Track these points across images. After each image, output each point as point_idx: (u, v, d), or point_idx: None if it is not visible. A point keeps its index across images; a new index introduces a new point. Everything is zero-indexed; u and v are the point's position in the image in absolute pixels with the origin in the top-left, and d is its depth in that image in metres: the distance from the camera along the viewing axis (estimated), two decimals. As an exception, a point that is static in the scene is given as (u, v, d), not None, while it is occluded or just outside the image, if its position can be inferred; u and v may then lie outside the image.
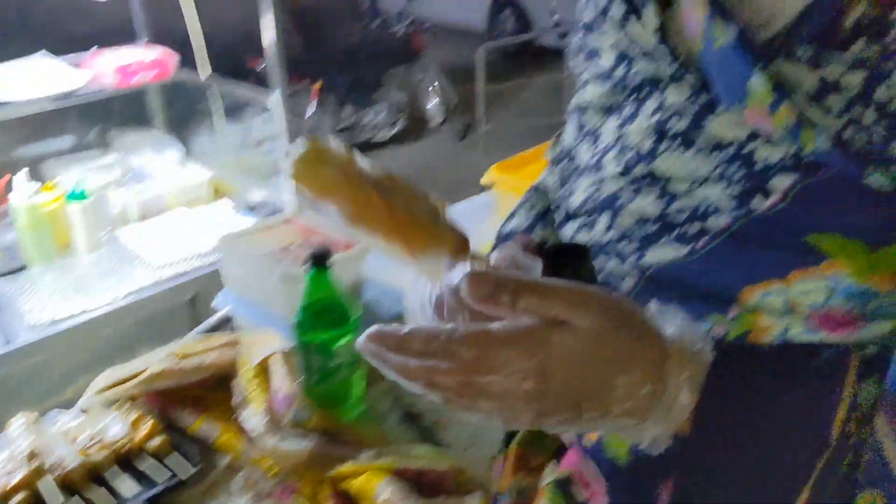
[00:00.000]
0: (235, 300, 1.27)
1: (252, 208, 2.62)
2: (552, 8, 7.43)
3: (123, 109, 2.81)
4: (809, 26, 0.49)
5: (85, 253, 2.23)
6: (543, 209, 0.77)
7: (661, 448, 0.49)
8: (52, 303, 1.99)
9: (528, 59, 7.40)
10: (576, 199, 0.66)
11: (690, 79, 0.56)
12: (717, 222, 0.54)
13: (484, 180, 1.59)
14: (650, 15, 0.57)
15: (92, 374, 1.18)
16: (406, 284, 1.28)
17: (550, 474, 0.68)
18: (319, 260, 0.98)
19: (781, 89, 0.49)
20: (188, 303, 2.27)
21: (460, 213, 1.73)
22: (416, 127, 5.88)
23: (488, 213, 1.59)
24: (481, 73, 4.58)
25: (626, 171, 0.61)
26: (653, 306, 0.51)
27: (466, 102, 5.54)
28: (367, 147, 5.58)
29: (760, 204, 0.52)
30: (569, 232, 0.67)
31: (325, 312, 0.99)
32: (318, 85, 5.14)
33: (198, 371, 1.09)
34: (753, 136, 0.52)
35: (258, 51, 5.29)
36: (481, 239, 1.50)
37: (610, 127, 0.64)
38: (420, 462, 0.95)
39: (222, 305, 1.29)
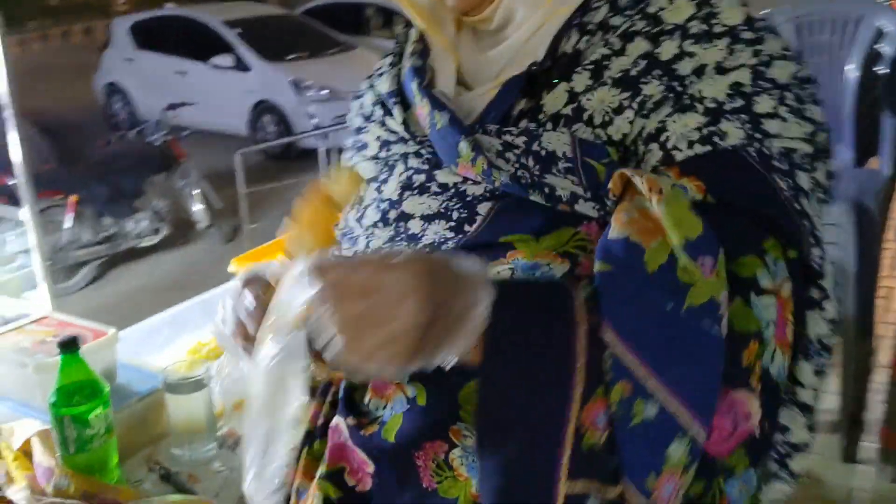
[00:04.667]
0: (-7, 396, 1.37)
1: (6, 323, 2.61)
2: (310, 112, 7.86)
3: None
4: (491, 115, 0.80)
5: None
6: None
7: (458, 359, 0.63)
8: None
9: (293, 161, 7.71)
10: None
11: (424, 151, 0.83)
12: (447, 246, 0.78)
13: (230, 269, 1.80)
14: (397, 114, 0.86)
15: None
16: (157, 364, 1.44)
17: (321, 469, 0.86)
18: (68, 346, 1.14)
19: (478, 149, 0.76)
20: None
21: (206, 301, 1.91)
22: (181, 232, 5.93)
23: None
24: (241, 176, 4.78)
25: (383, 217, 0.83)
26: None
27: (234, 204, 5.70)
28: (132, 255, 5.54)
29: (469, 229, 0.78)
30: None
31: (78, 390, 1.14)
32: (74, 198, 5.09)
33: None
34: (465, 180, 0.79)
35: (6, 168, 5.17)
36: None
37: (371, 191, 0.89)
38: (173, 506, 1.12)
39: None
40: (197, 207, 5.81)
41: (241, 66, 8.40)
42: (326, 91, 7.92)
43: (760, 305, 0.65)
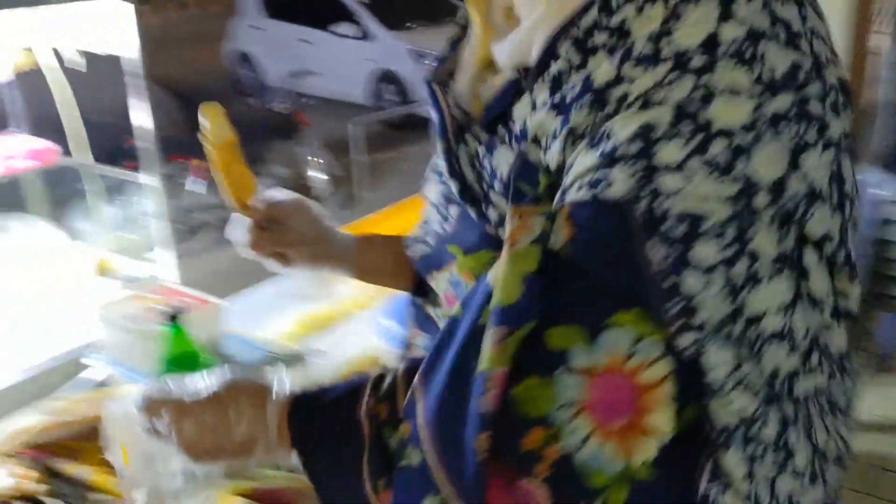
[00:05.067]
0: (106, 358, 1.41)
1: (134, 283, 2.72)
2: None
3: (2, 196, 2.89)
4: (488, 113, 0.75)
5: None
6: None
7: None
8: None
9: (411, 130, 7.75)
10: None
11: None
12: (432, 239, 0.82)
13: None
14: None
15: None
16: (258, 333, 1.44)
17: None
18: (172, 318, 1.15)
19: (449, 153, 0.75)
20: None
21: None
22: (301, 199, 6.05)
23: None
24: (355, 145, 4.83)
25: (424, 194, 0.87)
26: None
27: (351, 173, 5.78)
28: (253, 220, 5.69)
29: (446, 228, 0.80)
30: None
31: (183, 361, 1.15)
32: (196, 162, 5.27)
33: (71, 424, 1.22)
34: None
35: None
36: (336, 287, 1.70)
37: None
38: (272, 483, 1.12)
39: (95, 363, 1.43)
40: (316, 175, 5.92)
41: (363, 34, 8.48)
42: (446, 60, 7.89)
43: (561, 385, 0.58)
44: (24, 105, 2.87)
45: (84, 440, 1.23)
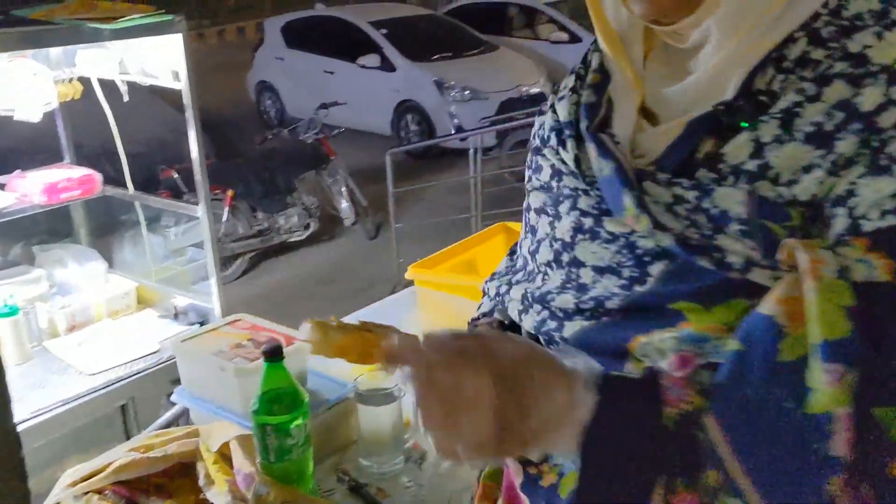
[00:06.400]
0: (190, 396, 1.39)
1: (176, 315, 2.71)
2: (452, 112, 7.89)
3: (47, 226, 2.90)
4: (672, 158, 0.72)
5: (15, 365, 2.29)
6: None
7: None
8: (-14, 416, 2.03)
9: (433, 160, 7.78)
10: (515, 293, 0.86)
11: (593, 193, 0.77)
12: (612, 303, 0.74)
13: (408, 276, 1.78)
14: (570, 148, 0.80)
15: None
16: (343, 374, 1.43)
17: None
18: (273, 354, 1.14)
19: (642, 205, 0.70)
20: (119, 409, 2.34)
21: (385, 307, 1.90)
22: (329, 228, 6.07)
23: (411, 307, 1.78)
24: (390, 175, 4.84)
25: (556, 258, 0.80)
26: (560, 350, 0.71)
27: (377, 202, 5.79)
28: (282, 249, 5.72)
29: (639, 289, 0.72)
30: (513, 314, 0.87)
31: (280, 398, 1.14)
32: (231, 192, 5.29)
33: (162, 460, 1.21)
34: (633, 231, 0.73)
35: (169, 162, 5.39)
36: (407, 329, 1.68)
37: (544, 224, 0.83)
38: None
39: (178, 402, 1.42)
40: (344, 204, 5.94)
41: (386, 65, 8.54)
42: (468, 91, 7.94)
43: None
44: (66, 134, 2.89)
45: (175, 477, 1.22)
